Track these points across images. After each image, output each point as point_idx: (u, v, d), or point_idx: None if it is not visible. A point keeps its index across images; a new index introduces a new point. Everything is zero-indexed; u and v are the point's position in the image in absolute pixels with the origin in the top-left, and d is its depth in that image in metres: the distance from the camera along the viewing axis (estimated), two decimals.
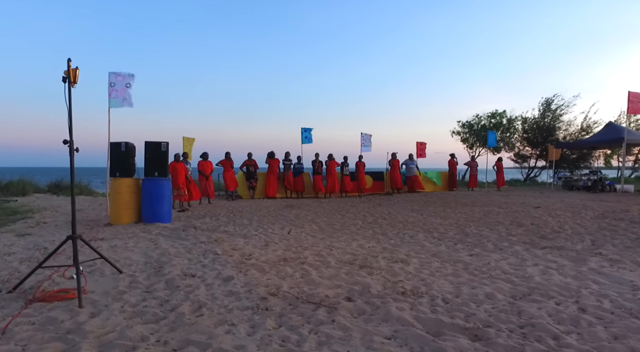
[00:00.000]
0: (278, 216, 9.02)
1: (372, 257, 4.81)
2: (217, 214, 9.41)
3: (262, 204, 11.95)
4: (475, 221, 8.01)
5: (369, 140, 17.50)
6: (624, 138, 16.92)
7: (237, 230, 7.00)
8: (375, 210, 10.00)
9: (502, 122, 31.59)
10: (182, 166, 10.80)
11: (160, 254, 5.04)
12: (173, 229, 7.11)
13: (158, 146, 7.87)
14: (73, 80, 3.81)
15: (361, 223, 7.86)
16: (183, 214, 9.35)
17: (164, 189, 7.84)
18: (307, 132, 16.62)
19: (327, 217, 8.78)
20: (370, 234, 6.65)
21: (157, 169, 7.85)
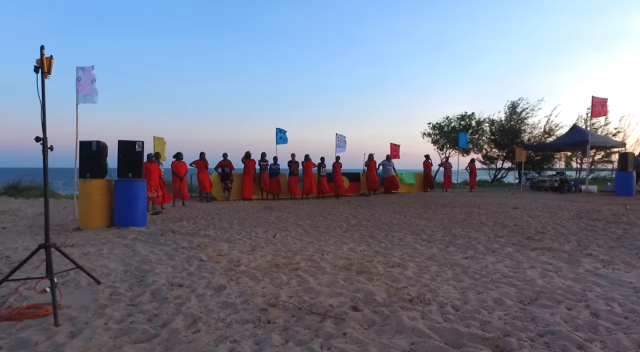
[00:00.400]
0: (259, 218, 8.71)
1: (367, 262, 4.63)
2: (194, 217, 9.00)
3: (239, 206, 11.59)
4: (459, 222, 8.00)
5: (344, 141, 17.40)
6: (588, 141, 17.62)
7: (218, 234, 6.66)
8: (357, 212, 9.86)
9: (471, 124, 32.39)
10: (156, 167, 10.30)
11: (140, 262, 4.67)
12: (150, 233, 6.69)
13: (132, 146, 7.41)
14: (47, 70, 3.43)
15: (346, 225, 7.68)
16: (158, 217, 8.88)
17: (139, 190, 7.39)
18: (282, 132, 16.35)
19: (310, 219, 8.55)
20: (358, 236, 6.48)
21: (132, 169, 7.39)
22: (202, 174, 12.68)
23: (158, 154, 11.14)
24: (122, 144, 7.38)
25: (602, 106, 17.59)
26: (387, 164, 16.64)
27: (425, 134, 34.17)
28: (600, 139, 18.13)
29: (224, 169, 13.47)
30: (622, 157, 15.48)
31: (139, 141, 7.49)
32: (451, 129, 32.73)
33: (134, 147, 7.40)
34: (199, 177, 12.67)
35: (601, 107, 17.60)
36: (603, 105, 17.61)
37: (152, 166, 10.05)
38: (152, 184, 9.88)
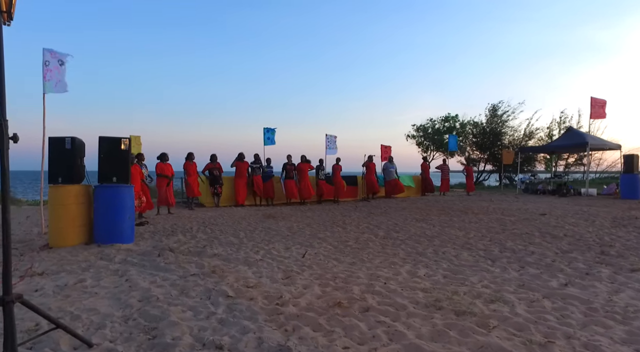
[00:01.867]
0: (267, 230, 7.43)
1: (452, 294, 3.48)
2: (189, 228, 7.63)
3: (235, 213, 10.24)
4: (500, 232, 6.99)
5: (334, 142, 16.31)
6: (588, 142, 17.20)
7: (230, 253, 5.36)
8: (375, 220, 8.72)
9: (455, 126, 32.04)
10: (137, 169, 8.84)
11: (144, 300, 3.36)
12: (142, 253, 5.33)
13: (117, 144, 6.01)
14: (6, 11, 2.13)
15: (375, 238, 6.52)
16: (145, 229, 7.46)
17: (126, 198, 6.00)
18: (270, 132, 15.08)
19: (328, 230, 7.34)
20: (403, 254, 5.33)
21: (117, 172, 5.99)
22: (192, 178, 11.25)
23: (141, 155, 9.68)
24: (104, 141, 5.98)
25: (601, 107, 17.22)
26: (389, 166, 15.63)
27: (409, 136, 33.67)
28: (598, 141, 17.75)
29: (212, 172, 12.07)
30: (628, 160, 15.05)
31: (125, 138, 6.10)
32: (435, 131, 32.36)
33: (118, 145, 6.01)
34: (188, 180, 11.23)
35: (600, 109, 17.23)
36: (602, 106, 17.25)
37: (133, 169, 8.58)
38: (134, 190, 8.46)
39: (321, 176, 13.45)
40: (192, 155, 11.43)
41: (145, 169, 9.79)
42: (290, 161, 12.90)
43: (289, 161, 12.88)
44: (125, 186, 6.05)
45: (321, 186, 13.42)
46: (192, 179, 11.21)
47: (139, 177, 8.90)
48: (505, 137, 29.70)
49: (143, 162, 9.89)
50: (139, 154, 9.82)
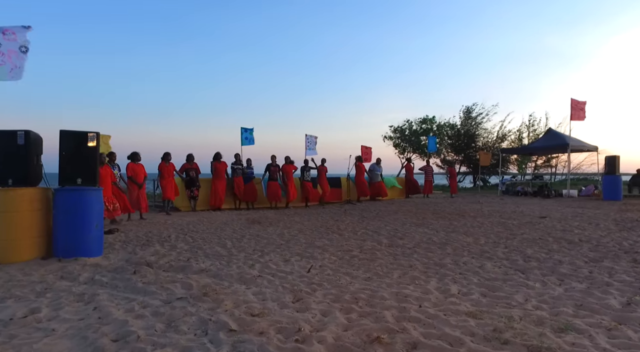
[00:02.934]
0: (257, 238, 6.64)
1: (508, 320, 2.83)
2: (167, 237, 6.73)
3: (215, 218, 9.36)
4: (511, 237, 6.48)
5: (314, 142, 15.65)
6: (569, 144, 17.23)
7: (220, 267, 4.56)
8: (371, 225, 8.07)
9: (432, 128, 32.01)
10: (108, 171, 7.86)
11: (120, 340, 2.54)
12: (114, 269, 4.45)
13: (82, 139, 5.10)
14: None
15: (379, 246, 5.86)
16: (115, 238, 6.52)
17: (93, 203, 5.08)
18: (248, 132, 14.29)
19: (324, 237, 6.62)
20: (421, 265, 4.68)
21: (82, 173, 5.07)
22: (167, 180, 10.28)
23: (112, 155, 8.70)
24: (66, 136, 5.05)
25: (581, 109, 17.27)
26: (377, 168, 15.07)
27: (386, 137, 33.41)
28: (577, 143, 17.82)
29: (188, 173, 11.11)
30: (610, 161, 15.09)
31: (93, 132, 5.19)
32: (412, 132, 32.23)
33: (84, 141, 5.09)
34: (163, 183, 10.25)
35: (580, 110, 17.28)
36: (582, 108, 17.31)
37: (102, 170, 7.61)
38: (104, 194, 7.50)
39: (307, 177, 12.72)
40: (169, 156, 10.44)
41: (117, 170, 8.81)
42: (275, 162, 12.09)
43: (272, 162, 12.05)
44: (92, 189, 5.14)
45: (307, 187, 12.68)
46: (166, 182, 10.24)
47: (110, 179, 7.91)
48: (479, 139, 29.97)
49: (115, 163, 8.89)
50: (110, 153, 8.82)
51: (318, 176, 13.09)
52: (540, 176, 21.00)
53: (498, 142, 29.81)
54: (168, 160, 10.37)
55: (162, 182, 10.32)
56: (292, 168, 12.36)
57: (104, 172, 7.60)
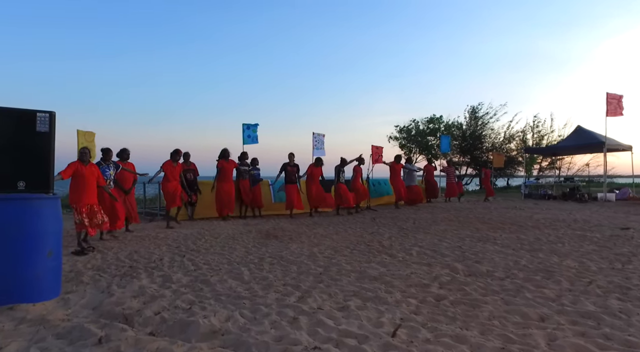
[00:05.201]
0: (280, 261, 4.87)
1: None
2: (158, 260, 4.96)
3: (217, 230, 7.59)
4: (626, 261, 4.79)
5: (322, 141, 13.92)
6: (604, 143, 15.68)
7: (244, 324, 2.80)
8: (420, 240, 6.32)
9: (440, 128, 30.51)
10: (93, 170, 6.00)
11: None
12: (68, 331, 2.68)
13: (26, 120, 3.33)
14: None
15: (460, 276, 4.13)
16: (86, 262, 4.74)
17: (45, 219, 3.31)
18: (251, 129, 12.53)
19: (373, 260, 4.87)
20: (555, 315, 2.95)
21: (26, 173, 3.31)
22: (172, 183, 8.32)
23: (108, 152, 6.92)
24: (3, 115, 3.28)
25: (617, 104, 15.70)
26: (412, 168, 13.33)
27: (391, 138, 31.83)
28: (612, 142, 16.25)
29: (185, 175, 9.29)
30: None
31: (45, 112, 3.43)
32: (419, 132, 30.72)
33: (30, 124, 3.33)
34: (167, 187, 8.31)
35: (617, 105, 15.71)
36: (619, 102, 15.74)
37: (86, 169, 5.78)
38: (85, 201, 5.70)
39: (342, 179, 10.84)
40: (179, 155, 8.49)
41: (112, 170, 6.94)
42: (292, 161, 10.16)
43: (290, 161, 10.11)
44: (43, 198, 3.37)
45: (342, 191, 10.62)
46: (172, 186, 8.31)
47: (96, 181, 6.03)
48: (486, 140, 28.60)
49: (110, 162, 6.96)
50: (105, 150, 6.89)
51: (353, 177, 11.24)
52: (570, 178, 19.42)
53: (505, 143, 28.51)
54: (176, 160, 8.37)
55: (166, 186, 8.29)
56: (319, 171, 10.46)
57: (87, 172, 5.76)
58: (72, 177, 5.66)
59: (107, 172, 6.72)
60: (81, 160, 5.78)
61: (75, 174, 5.66)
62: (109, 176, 6.76)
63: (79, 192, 5.70)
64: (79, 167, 5.70)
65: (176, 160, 8.33)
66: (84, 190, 5.71)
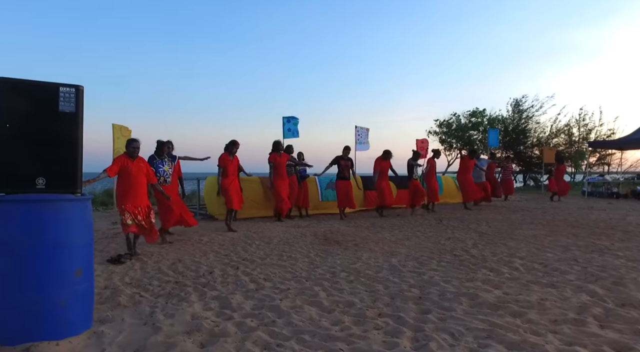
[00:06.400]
0: (358, 277, 3.89)
1: None
2: (207, 273, 4.09)
3: (266, 233, 6.70)
4: None
5: (366, 135, 12.91)
6: None
7: None
8: (518, 249, 5.19)
9: (483, 122, 28.84)
10: (141, 166, 5.16)
11: None
12: None
13: (48, 95, 2.49)
14: None
15: (605, 304, 3.04)
16: (123, 277, 3.93)
17: (72, 229, 2.48)
18: (291, 122, 11.66)
19: (481, 280, 3.81)
20: None
21: (46, 167, 2.48)
22: (229, 180, 7.14)
23: (164, 144, 6.06)
24: (13, 89, 2.44)
25: None
26: (482, 163, 12.07)
27: (431, 133, 30.39)
28: None
29: None
30: None
31: (70, 86, 2.57)
32: (460, 127, 29.20)
33: (52, 101, 2.49)
34: (225, 184, 7.11)
35: None
36: None
37: (133, 165, 4.96)
38: (133, 203, 4.88)
39: (416, 174, 9.78)
40: (236, 146, 7.27)
41: (168, 166, 6.05)
42: (346, 155, 9.07)
43: (344, 155, 9.02)
44: (69, 200, 2.53)
45: (415, 188, 9.56)
46: (229, 183, 7.11)
47: (146, 178, 5.11)
48: (531, 134, 26.76)
49: (165, 156, 6.03)
50: (161, 143, 5.98)
51: (427, 171, 10.15)
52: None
53: (552, 137, 26.65)
54: (233, 153, 7.25)
55: (224, 183, 7.14)
56: (388, 165, 9.37)
57: (134, 168, 4.94)
58: (119, 175, 4.87)
59: (161, 168, 5.87)
60: (128, 155, 4.95)
61: (122, 171, 4.85)
62: (163, 172, 5.90)
63: (125, 193, 4.87)
64: (126, 163, 4.88)
65: (233, 153, 7.25)
66: (131, 190, 4.86)
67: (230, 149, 7.21)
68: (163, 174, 5.85)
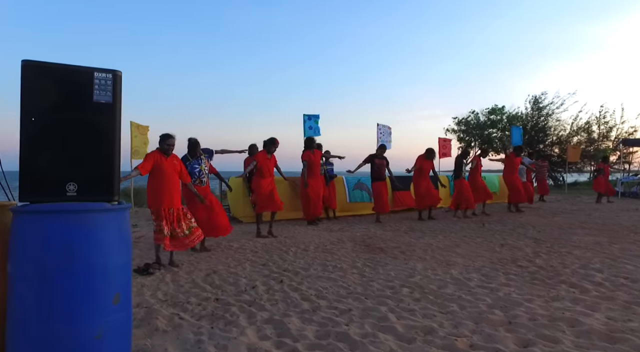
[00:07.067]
0: (424, 295, 3.38)
1: None
2: (249, 288, 3.63)
3: (299, 238, 6.24)
4: None
5: (389, 133, 12.37)
6: None
7: None
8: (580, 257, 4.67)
9: (502, 119, 28.05)
10: (174, 164, 4.67)
11: None
12: None
13: (80, 82, 2.03)
14: None
15: None
16: (154, 289, 3.48)
17: (107, 244, 2.02)
18: (312, 120, 11.19)
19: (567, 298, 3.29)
20: None
21: (77, 170, 2.03)
22: (266, 181, 6.62)
23: (196, 144, 5.41)
24: (37, 73, 1.98)
25: None
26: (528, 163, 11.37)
27: (448, 131, 29.67)
28: None
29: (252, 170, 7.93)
30: None
31: (107, 71, 2.11)
32: (478, 125, 28.46)
33: (85, 89, 2.03)
34: (260, 185, 6.57)
35: None
36: None
37: (166, 162, 4.52)
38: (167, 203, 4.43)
39: (463, 173, 9.14)
40: (275, 145, 6.71)
41: (204, 165, 5.45)
42: (381, 153, 8.43)
43: (379, 153, 8.41)
44: (105, 210, 2.07)
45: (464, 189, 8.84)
46: (267, 183, 6.61)
47: (179, 178, 4.66)
48: (551, 132, 25.97)
49: (200, 156, 5.43)
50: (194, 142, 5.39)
51: (473, 169, 9.47)
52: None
53: (572, 135, 25.84)
54: (271, 151, 6.69)
55: (259, 183, 6.55)
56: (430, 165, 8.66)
57: (168, 166, 4.46)
58: (150, 172, 4.42)
59: (197, 168, 5.34)
60: (162, 151, 4.48)
61: (155, 169, 4.39)
62: (199, 172, 5.34)
63: (158, 192, 4.40)
64: (160, 160, 4.42)
65: (271, 152, 6.70)
66: (165, 189, 4.39)
67: (269, 148, 6.66)
68: (199, 175, 5.32)
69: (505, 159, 10.15)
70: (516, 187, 9.76)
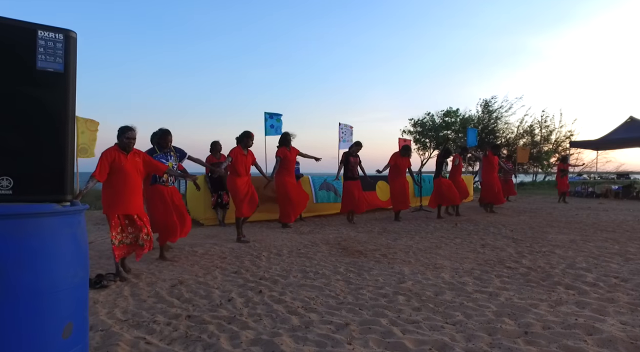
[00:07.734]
0: (434, 304, 3.08)
1: None
2: (225, 301, 3.16)
3: (270, 242, 5.79)
4: None
5: (350, 133, 12.30)
6: None
7: None
8: (571, 258, 4.59)
9: (456, 121, 28.96)
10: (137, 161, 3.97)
11: None
12: None
13: (17, 41, 1.52)
14: None
15: None
16: (111, 306, 2.93)
17: (54, 259, 1.52)
18: (274, 119, 10.87)
19: (572, 302, 3.10)
20: None
21: (14, 160, 1.51)
22: (242, 180, 5.97)
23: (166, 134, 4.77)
24: None
25: None
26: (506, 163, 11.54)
27: (405, 132, 30.18)
28: None
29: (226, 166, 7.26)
30: None
31: (57, 30, 1.61)
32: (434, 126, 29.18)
33: (25, 51, 1.52)
34: (236, 185, 5.93)
35: None
36: None
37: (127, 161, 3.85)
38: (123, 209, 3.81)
39: (444, 172, 8.87)
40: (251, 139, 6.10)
41: (172, 160, 4.81)
42: (355, 151, 8.04)
43: (353, 151, 8.02)
44: (53, 213, 1.57)
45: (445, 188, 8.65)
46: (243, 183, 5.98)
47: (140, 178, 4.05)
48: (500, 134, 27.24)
49: (169, 149, 4.82)
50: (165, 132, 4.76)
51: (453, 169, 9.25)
52: (625, 174, 17.82)
53: (518, 138, 27.29)
54: (247, 146, 6.08)
55: (234, 183, 5.93)
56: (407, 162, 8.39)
57: (129, 165, 3.83)
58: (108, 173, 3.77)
59: (166, 160, 4.73)
60: (121, 147, 3.85)
61: (113, 169, 3.76)
62: (170, 167, 4.64)
63: (114, 195, 3.77)
64: (118, 157, 3.79)
65: (247, 146, 6.06)
66: (123, 192, 3.77)
67: (246, 142, 6.02)
68: (169, 171, 4.65)
69: (484, 159, 10.10)
70: (495, 188, 9.61)
